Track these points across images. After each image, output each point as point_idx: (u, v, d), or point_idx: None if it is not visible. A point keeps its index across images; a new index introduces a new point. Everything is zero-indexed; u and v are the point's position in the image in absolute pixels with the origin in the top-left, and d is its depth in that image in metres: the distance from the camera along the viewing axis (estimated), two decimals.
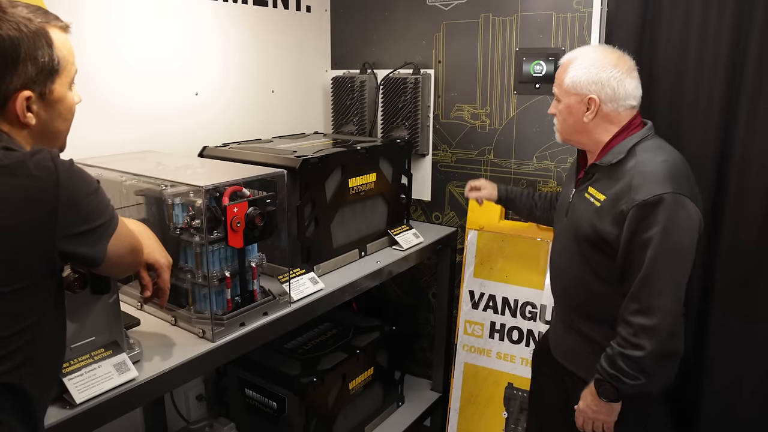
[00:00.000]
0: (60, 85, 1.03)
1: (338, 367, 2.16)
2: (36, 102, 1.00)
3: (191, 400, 2.29)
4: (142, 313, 1.65)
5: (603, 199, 1.54)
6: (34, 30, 0.98)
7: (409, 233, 2.32)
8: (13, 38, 0.95)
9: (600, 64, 1.55)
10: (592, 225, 1.55)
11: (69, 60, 1.05)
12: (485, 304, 2.42)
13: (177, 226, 1.53)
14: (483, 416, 2.44)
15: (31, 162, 0.91)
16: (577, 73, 1.55)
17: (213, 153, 2.06)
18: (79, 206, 0.96)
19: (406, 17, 2.55)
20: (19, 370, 0.93)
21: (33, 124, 1.00)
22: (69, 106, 1.07)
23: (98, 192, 1.01)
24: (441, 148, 2.56)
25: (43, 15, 1.01)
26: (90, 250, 0.99)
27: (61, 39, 1.03)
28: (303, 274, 1.82)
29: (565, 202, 1.73)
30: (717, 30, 1.88)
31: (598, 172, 1.60)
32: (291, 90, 2.61)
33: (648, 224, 1.43)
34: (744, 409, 2.00)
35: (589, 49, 1.62)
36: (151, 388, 1.33)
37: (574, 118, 1.60)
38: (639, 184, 1.46)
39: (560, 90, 1.61)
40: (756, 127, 1.86)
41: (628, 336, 1.47)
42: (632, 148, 1.54)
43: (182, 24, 2.10)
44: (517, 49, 2.31)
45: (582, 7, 2.14)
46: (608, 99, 1.55)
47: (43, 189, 0.91)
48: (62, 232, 0.93)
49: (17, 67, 0.96)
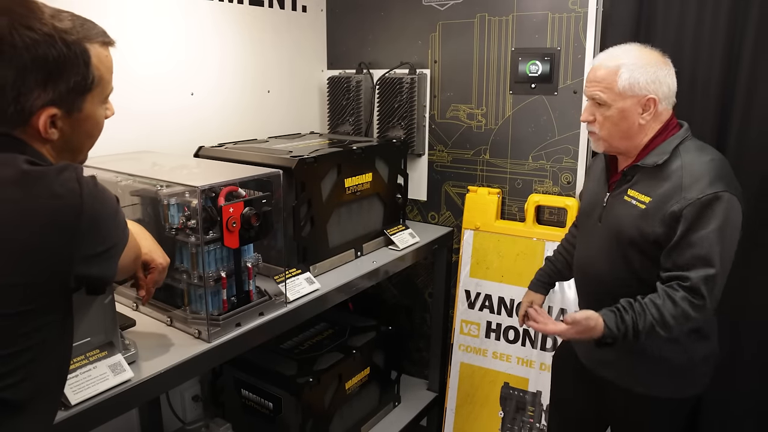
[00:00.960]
0: (91, 102, 0.98)
1: (334, 367, 2.16)
2: (62, 118, 0.95)
3: (187, 400, 2.28)
4: (138, 313, 1.65)
5: (648, 201, 1.50)
6: (71, 46, 0.92)
7: (405, 233, 2.32)
8: (47, 55, 0.90)
9: (651, 62, 1.50)
10: (639, 228, 1.51)
11: (105, 78, 1.00)
12: (481, 304, 2.42)
13: (173, 227, 1.52)
14: (479, 416, 2.44)
15: (56, 181, 0.87)
16: (633, 74, 1.48)
17: (209, 153, 2.06)
18: (99, 229, 0.92)
19: (401, 17, 2.55)
20: (19, 387, 0.89)
21: (55, 140, 0.96)
22: (97, 123, 1.02)
23: (118, 213, 0.99)
24: (437, 148, 2.56)
25: (87, 29, 0.96)
26: (103, 271, 0.97)
27: (101, 56, 0.98)
28: (299, 274, 1.82)
29: (597, 206, 1.67)
30: (712, 29, 1.89)
31: (638, 174, 1.55)
32: (287, 90, 2.61)
33: (704, 222, 1.41)
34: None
35: (629, 49, 1.55)
36: (147, 388, 1.33)
37: (628, 121, 1.52)
38: (690, 183, 1.44)
39: (611, 94, 1.51)
40: (751, 126, 1.88)
41: (670, 310, 1.42)
42: (675, 149, 1.51)
43: (178, 24, 2.09)
44: (513, 49, 2.31)
45: (578, 7, 2.14)
46: (664, 97, 1.51)
47: (66, 212, 0.87)
48: (79, 255, 0.90)
49: (47, 85, 0.91)
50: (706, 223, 1.41)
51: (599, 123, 1.56)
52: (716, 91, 1.92)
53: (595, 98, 1.55)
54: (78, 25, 0.95)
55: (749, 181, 1.87)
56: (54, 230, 0.87)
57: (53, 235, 0.87)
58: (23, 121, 0.92)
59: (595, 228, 1.66)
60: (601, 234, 1.64)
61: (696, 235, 1.42)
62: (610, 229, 1.60)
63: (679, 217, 1.43)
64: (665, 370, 1.59)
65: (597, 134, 1.58)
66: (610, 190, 1.64)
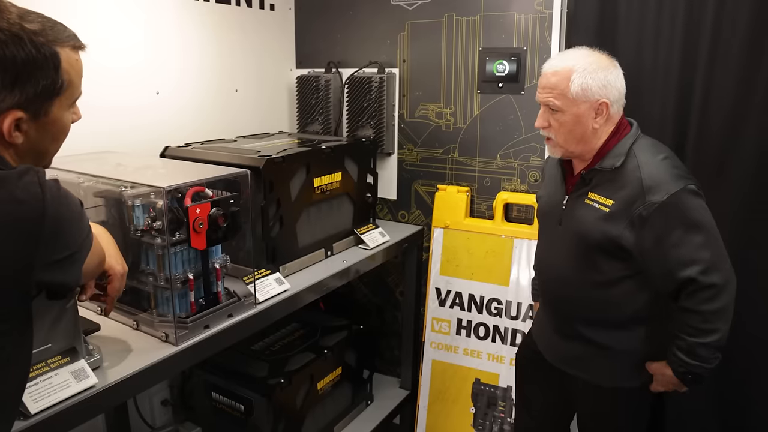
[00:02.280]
0: (58, 107, 0.95)
1: (306, 367, 2.15)
2: (27, 122, 0.91)
3: (156, 405, 2.25)
4: (102, 317, 1.61)
5: (611, 204, 1.52)
6: (41, 48, 0.89)
7: (376, 232, 2.32)
8: (15, 57, 0.86)
9: (601, 66, 1.52)
10: (603, 231, 1.52)
11: (75, 82, 0.97)
12: (452, 302, 2.44)
13: (138, 228, 1.50)
14: (451, 412, 2.46)
15: (17, 185, 0.84)
16: (585, 79, 1.50)
17: (175, 153, 2.03)
18: (62, 234, 0.90)
19: (370, 16, 2.55)
20: None
21: (19, 144, 0.92)
22: (63, 127, 0.99)
23: (82, 217, 0.96)
24: (406, 147, 2.57)
25: (57, 32, 0.93)
26: (66, 277, 0.94)
27: (71, 60, 0.95)
28: (268, 274, 1.80)
29: (555, 208, 1.68)
30: (671, 28, 1.96)
31: (596, 177, 1.57)
32: (255, 89, 2.58)
33: (677, 221, 1.45)
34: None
35: (578, 54, 1.56)
36: (112, 394, 1.30)
37: (583, 126, 1.54)
38: (651, 185, 1.46)
39: (564, 101, 1.53)
40: (710, 120, 1.94)
41: (700, 324, 1.47)
42: (630, 149, 1.53)
43: (142, 22, 2.05)
44: (480, 49, 2.33)
45: (543, 8, 2.17)
46: (615, 100, 1.54)
47: (28, 218, 0.84)
48: (41, 261, 0.87)
49: (14, 88, 0.87)
50: (675, 225, 1.45)
51: (554, 129, 1.57)
52: (676, 87, 1.97)
53: (549, 105, 1.56)
54: (48, 28, 0.92)
55: (706, 172, 1.92)
56: (15, 236, 0.84)
57: (14, 241, 0.84)
58: None
59: (556, 230, 1.68)
60: (562, 237, 1.66)
61: (669, 239, 1.45)
62: (572, 232, 1.62)
63: (646, 220, 1.46)
64: (631, 362, 1.63)
65: (553, 140, 1.60)
66: (568, 193, 1.65)
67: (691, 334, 1.49)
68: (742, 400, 2.05)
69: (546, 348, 1.81)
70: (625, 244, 1.50)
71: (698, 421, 2.12)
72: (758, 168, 1.90)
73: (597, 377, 1.67)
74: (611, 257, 1.55)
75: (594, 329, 1.64)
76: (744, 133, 1.90)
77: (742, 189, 1.93)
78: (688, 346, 1.50)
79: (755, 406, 2.03)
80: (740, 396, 2.05)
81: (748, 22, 1.83)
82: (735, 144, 1.92)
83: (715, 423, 2.11)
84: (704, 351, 1.48)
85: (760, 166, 1.89)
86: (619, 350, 1.62)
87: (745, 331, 1.90)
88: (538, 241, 1.84)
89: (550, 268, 1.74)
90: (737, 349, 1.97)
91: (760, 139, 1.88)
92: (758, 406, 2.03)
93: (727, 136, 1.92)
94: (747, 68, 1.86)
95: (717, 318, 1.47)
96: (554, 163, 1.76)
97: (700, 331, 1.47)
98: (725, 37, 1.87)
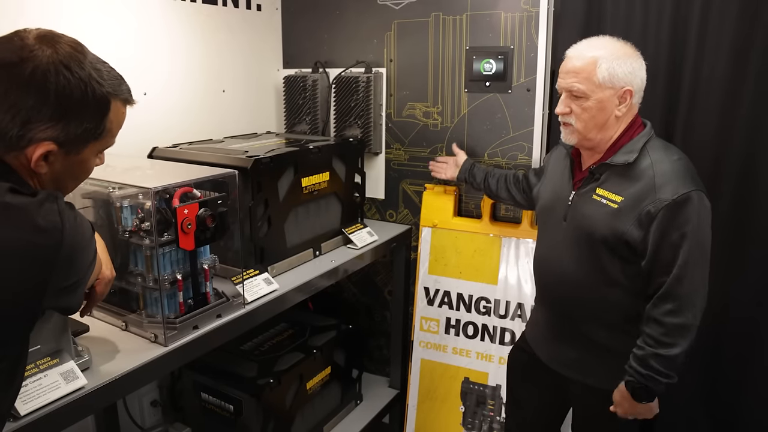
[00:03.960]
0: (90, 149, 0.98)
1: (295, 367, 2.15)
2: (56, 155, 0.93)
3: (145, 406, 2.24)
4: (91, 318, 1.61)
5: (620, 200, 1.51)
6: (98, 94, 0.93)
7: (364, 232, 2.33)
8: (72, 95, 0.90)
9: (627, 53, 1.51)
10: (611, 227, 1.51)
11: (113, 133, 1.01)
12: (440, 301, 2.45)
13: (126, 230, 1.49)
14: (440, 411, 2.47)
15: (38, 213, 0.86)
16: (612, 65, 1.48)
17: (163, 154, 2.02)
18: (74, 263, 0.92)
19: (357, 16, 2.56)
20: None
21: (43, 174, 0.94)
22: (86, 169, 1.03)
23: (91, 243, 0.98)
24: (394, 146, 2.58)
25: (117, 84, 0.98)
26: (71, 301, 0.97)
27: (118, 112, 0.99)
28: (257, 275, 1.81)
29: (560, 204, 1.67)
30: (657, 25, 1.98)
31: (606, 172, 1.56)
32: (242, 89, 2.58)
33: (679, 223, 1.43)
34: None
35: (603, 41, 1.56)
36: (101, 395, 1.30)
37: (605, 113, 1.52)
38: (662, 183, 1.46)
39: (589, 85, 1.50)
40: (695, 118, 1.96)
41: (660, 336, 1.46)
42: (643, 147, 1.53)
43: (129, 22, 2.04)
44: (467, 48, 2.34)
45: (530, 7, 2.18)
46: (638, 89, 1.53)
47: (46, 246, 0.87)
48: (53, 288, 0.89)
49: (59, 122, 0.90)
50: (680, 224, 1.44)
51: (576, 115, 1.55)
52: (663, 85, 2.00)
53: (573, 90, 1.53)
54: (111, 78, 0.96)
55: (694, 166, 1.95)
56: (33, 263, 0.86)
57: (30, 268, 0.86)
58: (20, 147, 0.90)
59: (559, 226, 1.66)
60: (566, 233, 1.64)
61: (670, 238, 1.45)
62: (578, 228, 1.60)
63: (654, 217, 1.45)
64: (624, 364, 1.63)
65: (572, 126, 1.57)
66: (575, 188, 1.64)
67: (649, 345, 1.48)
68: (735, 404, 2.06)
69: (542, 350, 1.80)
70: (630, 240, 1.49)
71: (690, 425, 2.14)
72: (746, 164, 1.92)
73: (594, 380, 1.66)
74: (615, 255, 1.54)
75: (594, 331, 1.63)
76: (733, 129, 1.92)
77: (729, 187, 1.95)
78: (643, 355, 1.49)
79: (748, 411, 2.04)
80: (734, 399, 2.06)
81: (736, 17, 1.85)
82: (723, 139, 1.94)
83: (707, 427, 2.13)
84: (658, 363, 1.47)
85: (748, 162, 1.92)
86: (617, 352, 1.59)
87: (745, 331, 1.93)
88: (537, 241, 1.83)
89: (551, 268, 1.72)
90: (730, 349, 2.00)
91: (749, 136, 1.90)
92: (751, 410, 2.04)
93: (716, 132, 1.94)
94: (734, 64, 1.88)
95: (679, 333, 1.46)
96: (560, 158, 1.75)
97: (659, 342, 1.47)
98: (712, 33, 1.89)
